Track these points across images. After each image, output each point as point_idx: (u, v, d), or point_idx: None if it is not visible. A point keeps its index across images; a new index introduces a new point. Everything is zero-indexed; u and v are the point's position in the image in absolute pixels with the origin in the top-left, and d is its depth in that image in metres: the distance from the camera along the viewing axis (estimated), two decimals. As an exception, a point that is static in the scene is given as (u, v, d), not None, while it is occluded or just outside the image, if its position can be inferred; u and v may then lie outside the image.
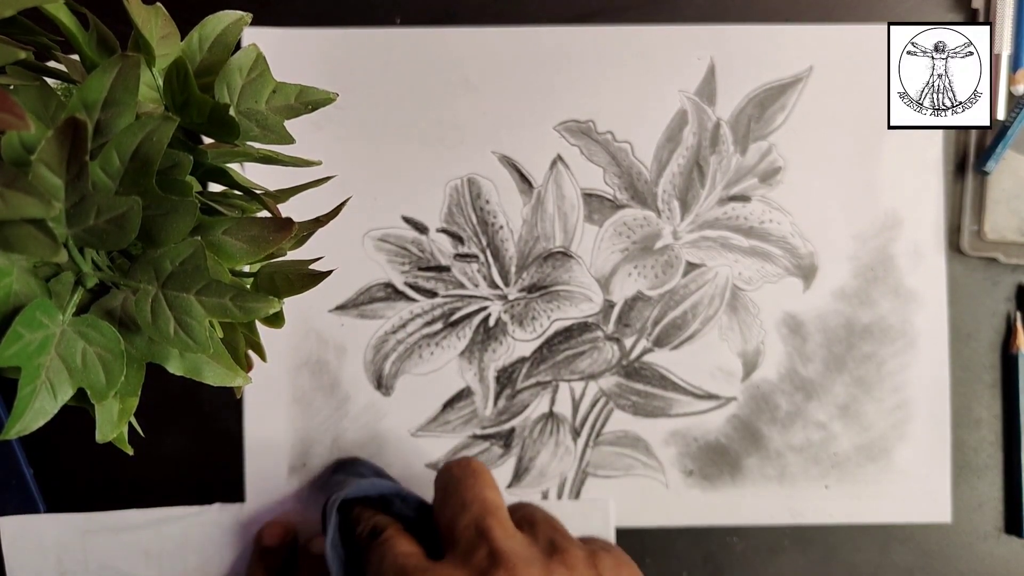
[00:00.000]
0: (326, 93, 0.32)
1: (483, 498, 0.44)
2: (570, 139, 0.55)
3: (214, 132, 0.31)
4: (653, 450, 0.55)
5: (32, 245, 0.24)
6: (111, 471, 0.54)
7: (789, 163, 0.55)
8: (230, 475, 0.54)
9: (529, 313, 0.55)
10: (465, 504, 0.44)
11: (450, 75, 0.55)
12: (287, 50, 0.54)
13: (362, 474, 0.52)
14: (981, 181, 0.55)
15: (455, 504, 0.44)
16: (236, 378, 0.30)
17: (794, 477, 0.55)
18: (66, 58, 0.32)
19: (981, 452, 0.55)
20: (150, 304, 0.28)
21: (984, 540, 0.55)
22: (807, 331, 0.55)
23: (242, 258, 0.30)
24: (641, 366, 0.55)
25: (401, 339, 0.55)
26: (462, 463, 0.47)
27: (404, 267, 0.55)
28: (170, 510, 0.54)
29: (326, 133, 0.54)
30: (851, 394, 0.55)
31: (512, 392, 0.55)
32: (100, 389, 0.28)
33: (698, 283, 0.55)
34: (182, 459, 0.54)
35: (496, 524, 0.42)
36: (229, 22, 0.32)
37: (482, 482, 0.46)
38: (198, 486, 0.54)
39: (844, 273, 0.55)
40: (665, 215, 0.55)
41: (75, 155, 0.25)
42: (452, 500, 0.45)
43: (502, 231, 0.55)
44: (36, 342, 0.27)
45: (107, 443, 0.30)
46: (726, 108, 0.55)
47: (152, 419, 0.53)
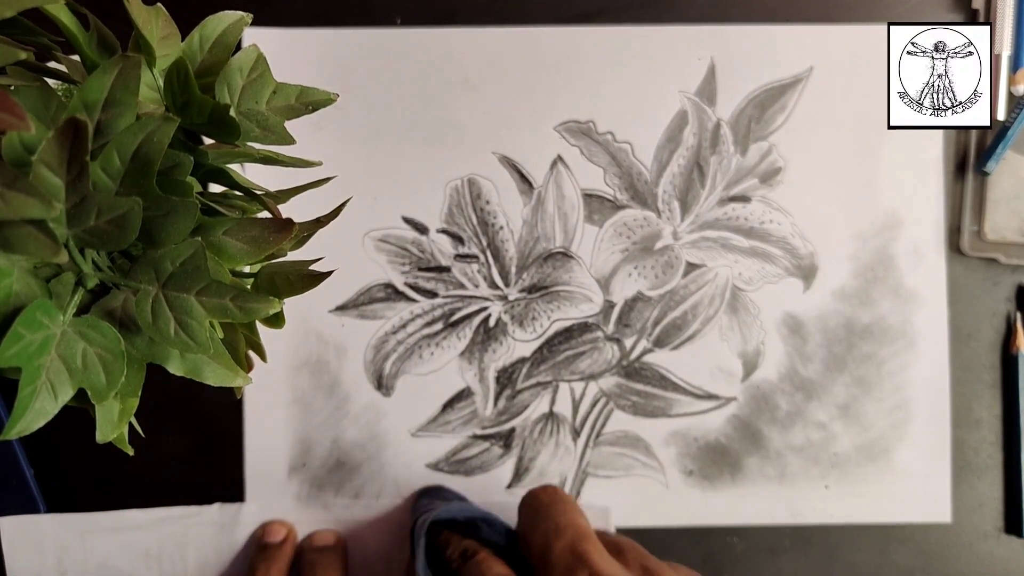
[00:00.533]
0: (326, 94, 0.32)
1: (576, 523, 0.45)
2: (570, 139, 0.55)
3: (214, 133, 0.31)
4: (653, 450, 0.55)
5: (32, 246, 0.24)
6: (111, 471, 0.54)
7: (789, 163, 0.55)
8: (230, 475, 0.54)
9: (529, 313, 0.55)
10: (559, 529, 0.44)
11: (450, 75, 0.55)
12: (288, 50, 0.54)
13: (447, 499, 0.52)
14: (981, 181, 0.55)
15: (547, 529, 0.45)
16: (236, 378, 0.30)
17: (794, 477, 0.55)
18: (67, 59, 0.32)
19: (981, 452, 0.55)
20: (150, 304, 0.28)
21: (984, 540, 0.55)
22: (807, 331, 0.55)
23: (242, 259, 0.30)
24: (641, 366, 0.55)
25: (401, 339, 0.55)
26: (548, 490, 0.48)
27: (404, 267, 0.55)
28: (170, 510, 0.54)
29: (327, 133, 0.54)
30: (851, 394, 0.55)
31: (512, 392, 0.55)
32: (100, 389, 0.28)
33: (698, 283, 0.55)
34: (182, 459, 0.54)
35: (593, 549, 0.43)
36: (229, 22, 0.32)
37: (572, 508, 0.46)
38: (198, 486, 0.54)
39: (844, 273, 0.55)
40: (665, 215, 0.55)
41: (75, 156, 0.25)
42: (543, 525, 0.45)
43: (502, 231, 0.55)
44: (37, 343, 0.27)
45: (107, 443, 0.30)
46: (726, 108, 0.55)
47: (153, 419, 0.53)
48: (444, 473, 0.55)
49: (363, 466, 0.55)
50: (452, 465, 0.55)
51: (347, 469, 0.55)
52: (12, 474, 0.52)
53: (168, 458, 0.54)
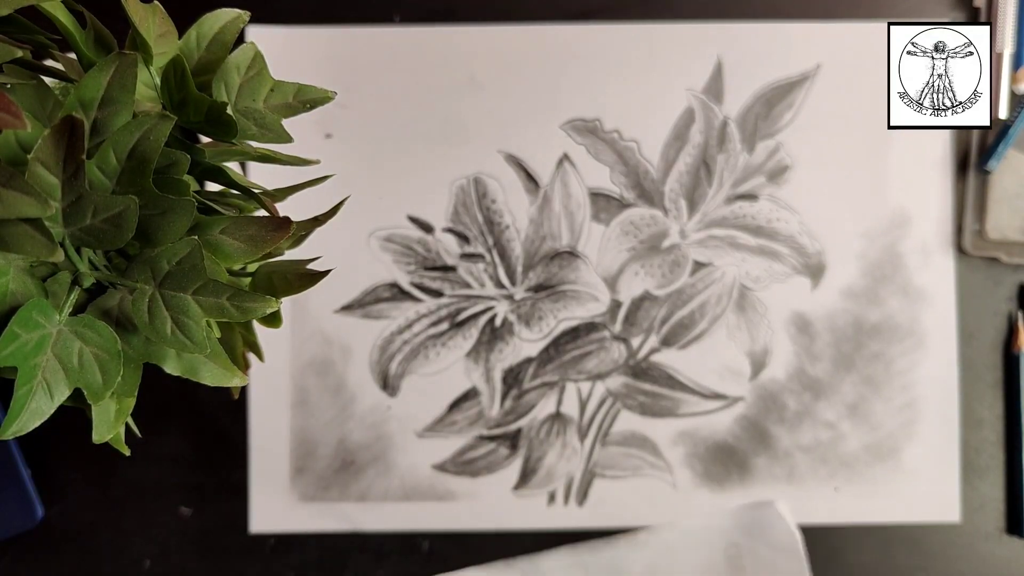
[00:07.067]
0: (324, 91, 0.32)
1: None
2: (576, 138, 0.55)
3: (212, 131, 0.31)
4: (661, 450, 0.55)
5: (28, 244, 0.24)
6: (110, 471, 0.54)
7: (797, 161, 0.55)
8: (232, 475, 0.54)
9: (536, 313, 0.55)
10: None
11: (456, 74, 0.55)
12: (290, 49, 0.54)
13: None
14: (983, 180, 0.54)
15: None
16: (233, 378, 0.30)
17: (803, 477, 0.55)
18: (63, 56, 0.32)
19: (983, 452, 0.55)
20: (147, 304, 0.28)
21: (986, 541, 0.55)
22: (815, 330, 0.55)
23: (239, 257, 0.29)
24: (648, 366, 0.55)
25: (407, 339, 0.55)
26: None
27: (410, 267, 0.54)
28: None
29: (332, 132, 0.54)
30: (860, 393, 0.55)
31: (519, 392, 0.55)
32: (97, 389, 0.27)
33: (705, 282, 0.55)
34: (183, 459, 0.54)
35: None
36: (227, 20, 0.32)
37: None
38: (198, 486, 0.54)
39: (852, 272, 0.55)
40: (672, 214, 0.55)
41: (72, 154, 0.25)
42: None
43: (508, 230, 0.55)
44: (32, 342, 0.27)
45: (104, 443, 0.30)
46: (733, 106, 0.55)
47: (153, 419, 0.54)
48: (450, 474, 0.55)
49: (369, 467, 0.55)
50: (458, 466, 0.55)
51: (353, 470, 0.54)
52: (9, 474, 0.52)
53: (169, 458, 0.54)
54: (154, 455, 0.54)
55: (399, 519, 0.55)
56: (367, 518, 0.54)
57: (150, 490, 0.54)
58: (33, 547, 0.54)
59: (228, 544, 0.55)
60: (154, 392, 0.49)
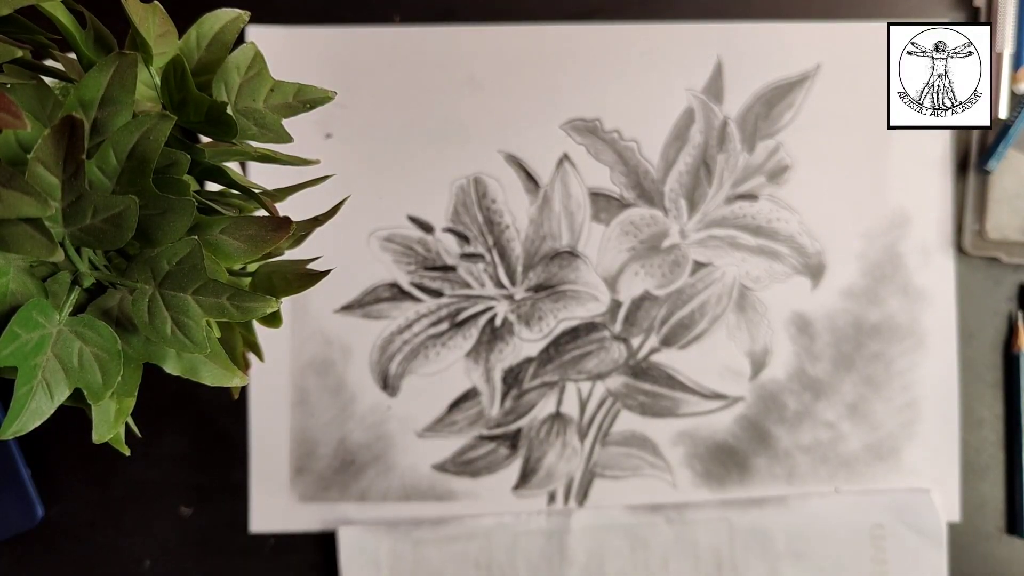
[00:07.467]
0: (324, 91, 0.32)
1: None
2: (576, 137, 0.55)
3: (212, 131, 0.31)
4: (661, 450, 0.55)
5: (28, 244, 0.24)
6: (110, 471, 0.54)
7: (797, 161, 0.55)
8: (232, 475, 0.54)
9: (535, 313, 0.55)
10: None
11: (455, 74, 0.55)
12: (290, 49, 0.54)
13: None
14: (983, 180, 0.54)
15: None
16: (233, 378, 0.30)
17: (803, 477, 0.55)
18: (63, 56, 0.32)
19: (983, 452, 0.55)
20: (147, 304, 0.28)
21: (986, 541, 0.55)
22: (815, 330, 0.55)
23: (239, 257, 0.29)
24: (648, 366, 0.55)
25: (407, 339, 0.55)
26: None
27: (410, 267, 0.54)
28: (500, 517, 0.54)
29: (333, 133, 0.54)
30: (860, 393, 0.55)
31: (519, 392, 0.55)
32: (97, 389, 0.27)
33: (705, 282, 0.55)
34: (181, 459, 0.54)
35: None
36: (227, 20, 0.32)
37: None
38: (198, 486, 0.54)
39: (852, 272, 0.55)
40: (672, 214, 0.55)
41: (72, 154, 0.25)
42: None
43: (508, 230, 0.55)
44: (33, 342, 0.27)
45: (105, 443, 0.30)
46: (733, 106, 0.55)
47: (153, 419, 0.54)
48: (450, 474, 0.55)
49: (369, 467, 0.55)
50: (458, 466, 0.55)
51: (353, 470, 0.54)
52: (9, 474, 0.52)
53: (169, 458, 0.54)
54: (154, 455, 0.54)
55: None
56: (367, 518, 0.54)
57: (150, 490, 0.54)
58: (33, 547, 0.54)
59: (228, 544, 0.55)
60: (154, 392, 0.49)
